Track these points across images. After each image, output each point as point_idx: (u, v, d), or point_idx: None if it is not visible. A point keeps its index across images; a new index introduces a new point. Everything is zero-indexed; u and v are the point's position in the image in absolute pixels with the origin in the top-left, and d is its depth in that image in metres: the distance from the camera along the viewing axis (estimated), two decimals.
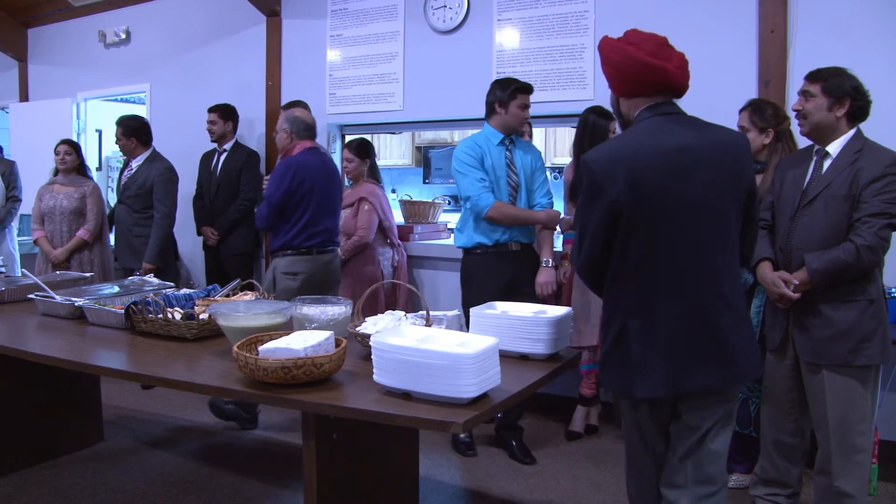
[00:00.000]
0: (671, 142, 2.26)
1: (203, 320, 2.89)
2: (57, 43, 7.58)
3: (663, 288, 2.20)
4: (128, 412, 4.72)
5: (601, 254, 2.27)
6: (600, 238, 2.24)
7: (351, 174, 4.85)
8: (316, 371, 2.23)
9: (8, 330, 3.38)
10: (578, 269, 2.42)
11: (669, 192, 2.18)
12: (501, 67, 4.82)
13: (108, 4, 6.96)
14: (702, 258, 2.21)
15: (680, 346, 2.18)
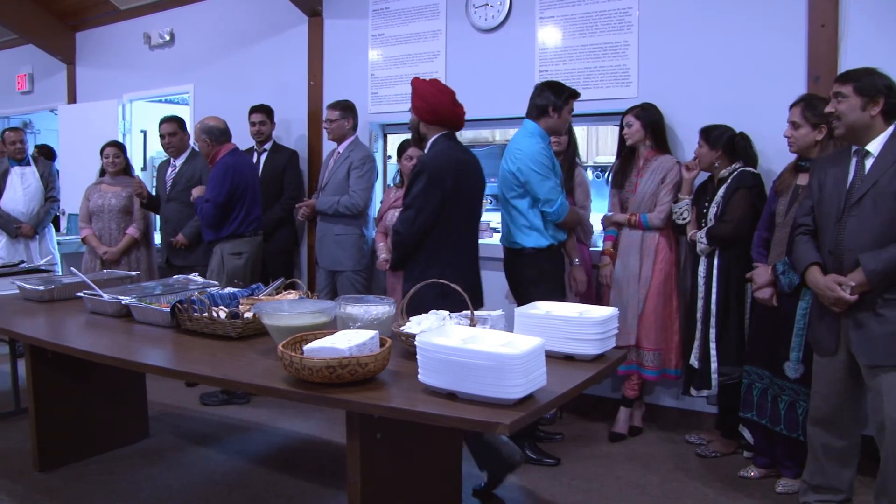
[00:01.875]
0: (461, 157, 3.64)
1: (247, 319, 2.89)
2: (103, 46, 7.70)
3: (463, 249, 3.66)
4: (172, 409, 4.76)
5: (431, 225, 3.51)
6: (432, 217, 3.50)
7: (408, 173, 4.81)
8: (361, 370, 2.21)
9: (57, 327, 3.43)
10: (410, 236, 3.55)
11: (464, 186, 3.58)
12: (544, 66, 4.77)
13: (153, 7, 7.06)
14: (476, 230, 3.84)
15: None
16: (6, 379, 4.84)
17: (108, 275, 4.25)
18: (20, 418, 4.49)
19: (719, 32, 4.22)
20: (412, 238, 3.54)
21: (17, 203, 6.17)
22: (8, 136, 6.22)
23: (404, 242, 3.59)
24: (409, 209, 3.56)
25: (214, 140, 4.82)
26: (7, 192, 6.18)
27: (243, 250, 4.85)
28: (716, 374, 3.85)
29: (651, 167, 4.18)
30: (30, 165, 6.26)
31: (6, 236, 6.21)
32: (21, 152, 6.22)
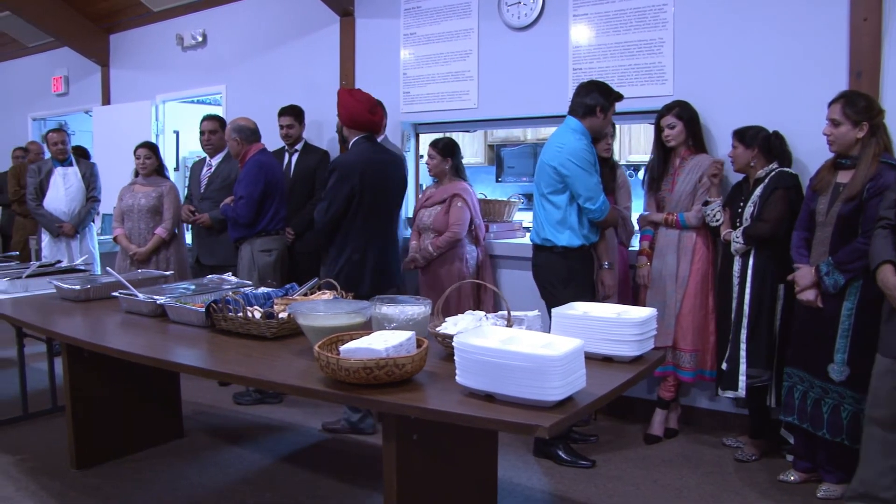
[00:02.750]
0: (377, 157, 4.21)
1: (282, 319, 2.88)
2: (137, 47, 7.77)
3: (372, 237, 4.16)
4: (205, 408, 4.78)
5: (341, 217, 4.09)
6: (342, 207, 4.07)
7: (432, 171, 4.81)
8: (398, 372, 2.19)
9: (93, 327, 3.45)
10: (323, 224, 4.14)
11: (379, 182, 4.14)
12: (577, 64, 4.73)
13: (186, 8, 7.11)
14: (390, 221, 4.34)
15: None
16: (43, 377, 4.89)
17: (142, 274, 4.28)
18: (57, 416, 4.54)
19: (756, 28, 4.14)
20: (325, 226, 4.16)
21: (60, 203, 6.26)
22: (51, 137, 6.31)
23: (319, 230, 4.25)
24: (323, 201, 4.17)
25: (245, 139, 4.90)
26: (50, 191, 6.26)
27: (273, 247, 4.92)
28: (743, 376, 3.79)
29: (688, 166, 4.12)
30: (72, 166, 6.34)
31: (49, 235, 6.31)
32: (63, 153, 6.30)
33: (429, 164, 4.80)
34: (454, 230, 4.59)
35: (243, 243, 4.91)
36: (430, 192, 4.84)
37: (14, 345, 4.56)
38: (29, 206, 6.39)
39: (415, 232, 4.90)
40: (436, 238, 4.64)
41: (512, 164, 8.63)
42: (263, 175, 4.82)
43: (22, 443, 4.19)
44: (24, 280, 4.25)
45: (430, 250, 4.63)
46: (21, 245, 7.52)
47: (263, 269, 4.83)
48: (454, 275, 4.62)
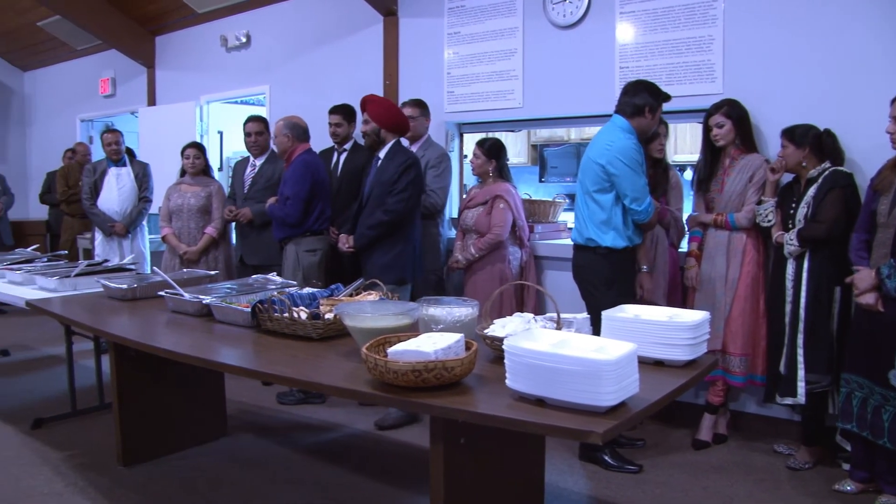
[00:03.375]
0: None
1: (328, 320, 2.86)
2: (182, 49, 7.86)
3: (417, 229, 4.65)
4: (249, 407, 4.80)
5: (414, 208, 4.53)
6: (417, 200, 4.54)
7: (476, 171, 4.78)
8: (447, 375, 2.15)
9: (140, 325, 3.47)
10: (399, 216, 4.40)
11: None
12: (624, 62, 4.65)
13: (230, 10, 7.17)
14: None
15: None
16: (90, 374, 4.94)
17: (188, 274, 4.30)
18: (104, 413, 4.59)
19: (811, 23, 4.03)
20: (400, 216, 4.42)
21: (112, 202, 6.36)
22: (106, 138, 6.43)
23: (391, 221, 4.40)
24: (404, 192, 4.35)
25: (296, 137, 4.94)
26: (104, 191, 6.37)
27: (318, 247, 4.94)
28: (802, 382, 3.69)
29: (738, 166, 4.03)
30: (125, 166, 6.44)
31: (101, 234, 6.42)
32: (118, 153, 6.41)
33: (473, 164, 4.75)
34: (496, 232, 4.54)
35: (288, 243, 4.92)
36: (474, 193, 4.80)
37: (63, 342, 4.63)
38: (83, 206, 6.51)
39: (459, 232, 4.87)
40: (478, 239, 4.60)
41: (555, 164, 8.56)
42: (310, 174, 4.84)
43: (71, 439, 4.23)
44: (72, 279, 4.29)
45: (471, 252, 4.60)
46: (69, 244, 7.68)
47: (308, 268, 4.84)
48: (497, 276, 4.58)
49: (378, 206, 4.46)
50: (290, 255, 4.89)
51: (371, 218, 4.47)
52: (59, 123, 9.87)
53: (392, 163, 4.45)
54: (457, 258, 4.70)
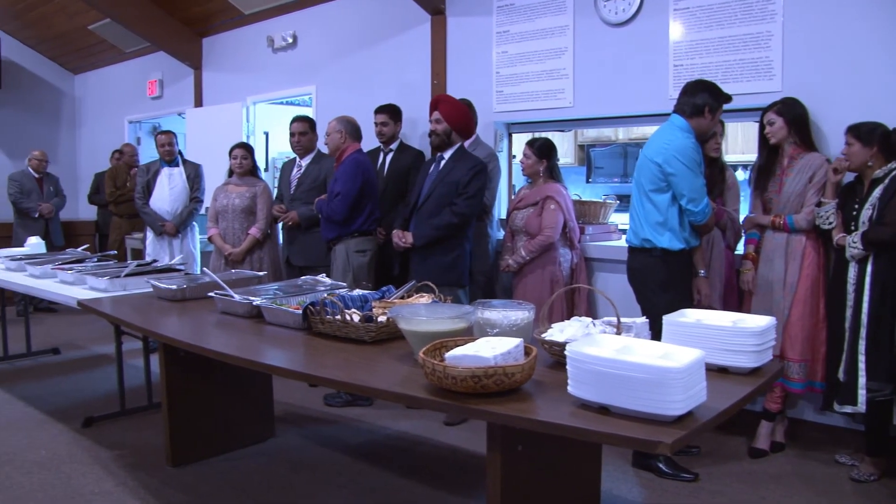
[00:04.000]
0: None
1: (381, 323, 2.82)
2: (228, 50, 7.90)
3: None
4: (296, 409, 4.79)
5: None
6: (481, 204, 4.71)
7: (526, 171, 4.71)
8: (507, 381, 2.10)
9: (190, 326, 3.47)
10: (468, 220, 4.51)
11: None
12: (678, 60, 4.55)
13: (277, 10, 7.17)
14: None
15: None
16: (139, 373, 4.98)
17: (236, 275, 4.29)
18: (152, 413, 4.61)
19: (875, 16, 3.89)
20: (469, 220, 4.50)
21: (164, 202, 6.41)
22: (159, 139, 6.50)
23: (460, 224, 4.45)
24: (473, 197, 4.40)
25: (349, 135, 4.94)
26: (156, 191, 6.43)
27: (367, 248, 4.93)
28: (863, 390, 3.55)
29: (797, 165, 3.91)
30: (178, 167, 6.49)
31: (153, 233, 6.48)
32: (171, 154, 6.46)
33: (523, 164, 4.68)
34: (547, 234, 4.47)
35: (338, 243, 4.91)
36: (523, 194, 4.73)
37: (112, 341, 4.66)
38: (136, 205, 6.58)
39: (508, 234, 4.80)
40: (528, 241, 4.52)
41: (601, 164, 8.46)
42: (361, 173, 4.83)
43: (120, 438, 4.26)
44: (122, 279, 4.31)
45: (522, 255, 4.53)
46: (117, 244, 7.77)
47: (358, 269, 4.83)
48: (548, 278, 4.50)
49: (442, 205, 4.44)
50: (340, 255, 4.88)
51: (439, 218, 4.45)
52: (107, 125, 10.00)
53: (460, 165, 4.44)
54: (508, 262, 4.63)
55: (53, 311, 8.30)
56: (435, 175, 4.57)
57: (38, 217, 8.07)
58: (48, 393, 5.20)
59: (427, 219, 4.51)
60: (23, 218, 8.12)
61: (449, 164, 4.52)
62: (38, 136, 10.23)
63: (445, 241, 4.49)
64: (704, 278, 3.90)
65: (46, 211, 8.09)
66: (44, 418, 4.65)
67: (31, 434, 4.36)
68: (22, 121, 10.25)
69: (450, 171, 4.49)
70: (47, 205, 8.11)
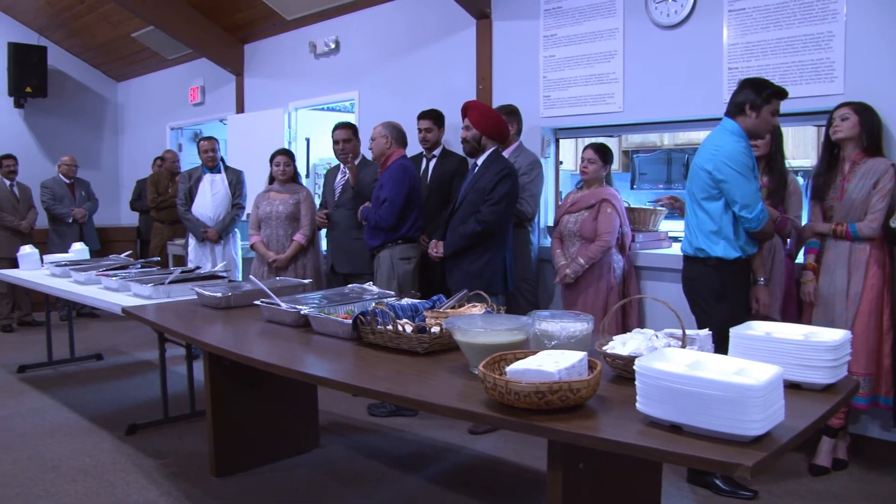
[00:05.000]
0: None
1: (435, 334, 2.74)
2: (270, 56, 7.89)
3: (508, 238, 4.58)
4: (340, 418, 4.72)
5: (509, 218, 4.52)
6: (512, 210, 4.50)
7: (588, 176, 4.60)
8: (572, 397, 2.00)
9: (234, 335, 3.43)
10: (495, 227, 4.34)
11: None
12: (733, 62, 4.41)
13: (319, 16, 7.14)
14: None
15: None
16: (182, 380, 4.95)
17: (281, 282, 4.25)
18: (196, 421, 4.58)
19: None
20: (496, 227, 4.35)
21: (206, 208, 6.39)
22: (202, 145, 6.48)
23: (486, 232, 4.32)
24: (499, 204, 4.29)
25: (395, 141, 4.91)
26: (198, 197, 6.41)
27: (412, 255, 4.86)
28: None
29: (860, 171, 3.76)
30: (220, 173, 6.48)
31: (195, 240, 6.47)
32: (213, 160, 6.44)
33: (587, 169, 4.56)
34: (605, 238, 4.36)
35: (382, 250, 4.84)
36: (575, 197, 4.63)
37: (154, 347, 4.64)
38: (178, 211, 6.57)
39: (556, 239, 4.69)
40: (585, 247, 4.42)
41: (644, 170, 8.31)
42: (408, 180, 4.78)
43: (163, 447, 4.23)
44: (166, 286, 4.29)
45: (581, 262, 4.42)
46: (158, 250, 7.80)
47: (403, 277, 4.76)
48: (602, 286, 4.40)
49: (470, 213, 4.35)
50: (385, 262, 4.81)
51: (464, 226, 4.35)
52: (149, 132, 10.08)
53: (489, 171, 4.34)
54: (565, 272, 4.51)
55: (96, 316, 8.37)
56: (468, 182, 4.51)
57: (71, 222, 8.07)
58: (92, 399, 5.21)
59: (457, 227, 4.44)
60: (57, 224, 8.13)
61: (480, 171, 4.44)
62: (81, 143, 10.38)
63: (473, 250, 4.40)
64: (764, 286, 3.75)
65: (80, 216, 8.08)
66: (87, 425, 4.64)
67: (75, 441, 4.35)
68: (67, 128, 10.39)
69: (480, 178, 4.41)
70: (80, 209, 8.10)
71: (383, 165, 4.86)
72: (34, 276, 5.52)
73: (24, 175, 8.14)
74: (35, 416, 4.84)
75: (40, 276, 5.45)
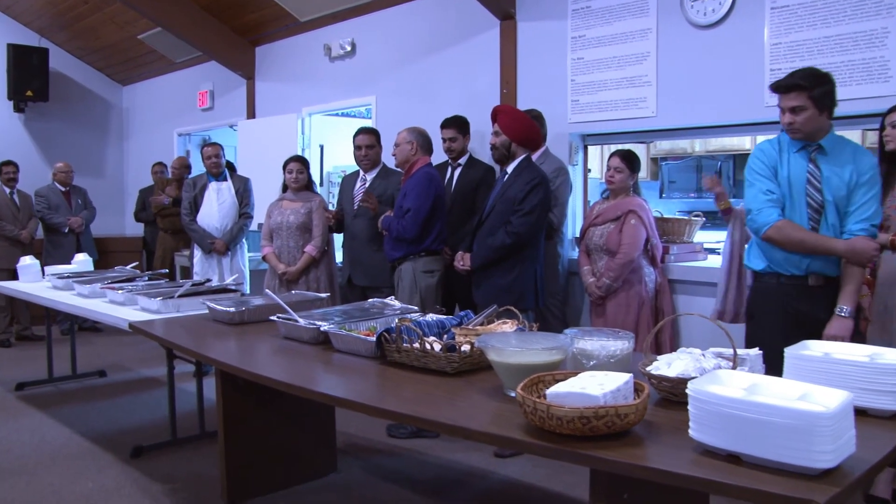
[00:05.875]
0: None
1: (465, 353, 2.66)
2: (283, 59, 7.87)
3: (540, 250, 4.52)
4: (358, 440, 4.65)
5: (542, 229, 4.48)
6: (544, 221, 4.46)
7: (616, 185, 4.52)
8: (619, 423, 1.92)
9: (249, 352, 3.38)
10: (527, 239, 4.27)
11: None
12: (776, 63, 4.32)
13: (334, 17, 7.11)
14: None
15: None
16: (190, 398, 4.89)
17: (297, 296, 4.18)
18: (205, 443, 4.51)
19: None
20: (527, 239, 4.28)
21: (212, 218, 6.32)
22: (206, 151, 6.39)
23: (518, 243, 4.26)
24: (530, 214, 4.22)
25: (420, 147, 4.85)
26: (204, 207, 6.34)
27: (435, 268, 4.80)
28: None
29: None
30: (226, 181, 6.41)
31: (200, 251, 6.39)
32: (218, 167, 6.36)
33: (614, 178, 4.48)
34: (625, 251, 4.29)
35: (404, 263, 4.77)
36: (601, 209, 4.57)
37: (161, 363, 4.57)
38: (183, 221, 6.49)
39: (583, 253, 4.61)
40: (610, 261, 4.36)
41: (674, 178, 8.25)
42: (434, 189, 4.72)
43: (172, 470, 4.16)
44: (175, 300, 4.23)
45: (606, 282, 4.36)
46: (162, 261, 7.70)
47: (426, 291, 4.69)
48: (634, 300, 4.32)
49: (500, 223, 4.27)
50: (407, 275, 4.74)
51: (493, 238, 4.28)
52: (156, 138, 10.07)
53: (520, 179, 4.27)
54: (593, 290, 4.44)
55: (98, 330, 8.32)
56: (497, 191, 4.44)
57: (67, 232, 7.99)
58: (95, 419, 5.15)
59: (485, 238, 4.37)
60: (52, 234, 8.03)
61: (510, 179, 4.38)
62: (84, 150, 10.39)
63: (502, 263, 4.33)
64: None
65: (76, 225, 8.01)
66: (90, 447, 4.58)
67: (77, 464, 4.29)
68: (69, 133, 10.39)
69: (510, 187, 4.34)
70: (76, 218, 8.02)
71: (407, 173, 4.79)
72: (35, 288, 5.48)
73: (24, 182, 8.11)
74: (34, 437, 4.78)
75: (41, 289, 5.40)
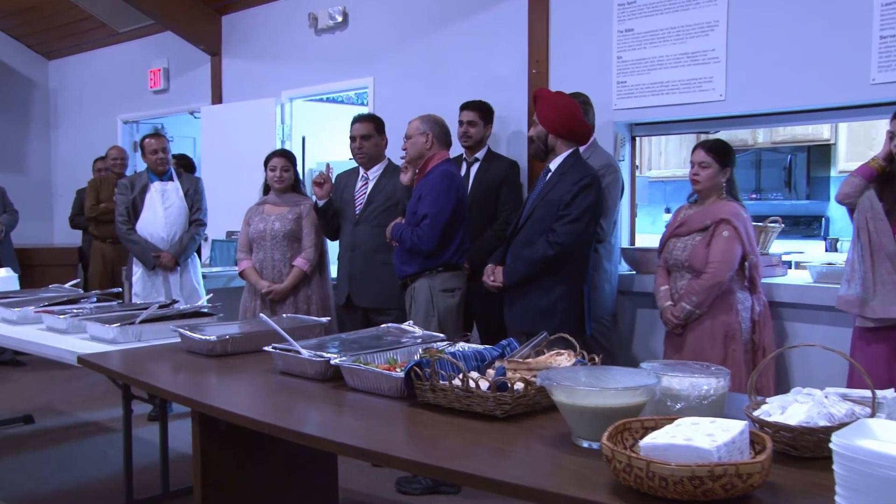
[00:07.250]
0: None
1: (518, 392, 2.59)
2: (258, 31, 7.84)
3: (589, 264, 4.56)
4: (361, 496, 4.62)
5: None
6: (593, 228, 4.45)
7: (703, 185, 4.41)
8: (740, 485, 1.83)
9: (238, 390, 3.32)
10: (572, 251, 4.27)
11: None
12: (887, 28, 4.24)
13: None
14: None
15: None
16: (147, 449, 4.79)
17: (291, 321, 4.10)
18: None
19: None
20: (573, 251, 4.28)
21: (157, 227, 6.17)
22: (148, 144, 6.22)
23: (560, 256, 4.24)
24: (578, 222, 4.22)
25: (437, 140, 4.76)
26: (145, 212, 6.18)
27: (456, 286, 4.76)
28: None
29: None
30: (172, 181, 6.28)
31: (142, 267, 6.20)
32: (163, 163, 6.22)
33: (699, 176, 4.36)
34: (712, 270, 4.18)
35: (419, 279, 4.70)
36: (686, 216, 4.47)
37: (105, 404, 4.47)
38: (118, 231, 6.31)
39: (662, 270, 4.54)
40: (693, 282, 4.27)
41: None
42: (455, 192, 4.67)
43: None
44: (136, 326, 4.14)
45: (685, 307, 4.27)
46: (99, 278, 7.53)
47: (445, 314, 4.65)
48: (720, 332, 4.23)
49: (540, 231, 4.23)
50: (422, 294, 4.68)
51: (531, 249, 4.24)
52: (94, 126, 10.01)
53: (565, 178, 4.23)
54: (668, 317, 4.37)
55: (20, 364, 8.13)
56: (536, 192, 4.41)
57: None
58: (20, 478, 5.01)
59: (522, 249, 4.32)
60: None
61: (553, 179, 4.36)
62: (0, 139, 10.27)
63: (542, 279, 4.29)
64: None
65: None
66: None
67: None
68: None
69: (553, 188, 4.31)
70: None
71: (422, 171, 4.73)
72: None
73: None
74: None
75: None
